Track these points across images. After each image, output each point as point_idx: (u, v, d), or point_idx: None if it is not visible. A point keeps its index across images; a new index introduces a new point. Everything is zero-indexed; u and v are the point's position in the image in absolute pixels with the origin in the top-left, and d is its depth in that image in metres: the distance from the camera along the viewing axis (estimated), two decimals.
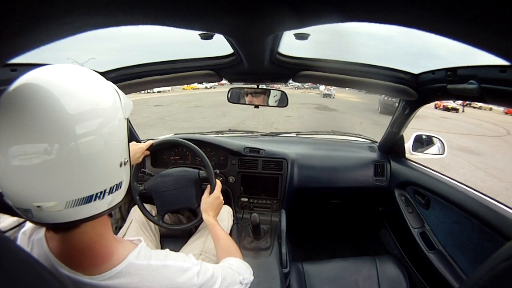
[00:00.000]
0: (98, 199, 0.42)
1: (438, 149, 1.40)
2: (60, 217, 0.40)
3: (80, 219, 0.42)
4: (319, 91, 28.92)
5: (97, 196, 0.42)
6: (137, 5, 0.30)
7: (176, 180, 1.08)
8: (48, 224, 0.41)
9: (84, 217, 0.42)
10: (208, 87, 33.88)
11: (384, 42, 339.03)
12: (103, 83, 0.45)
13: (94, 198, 0.42)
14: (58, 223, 0.40)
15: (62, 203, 0.39)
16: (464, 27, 0.29)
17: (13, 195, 0.38)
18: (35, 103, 0.36)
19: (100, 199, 0.43)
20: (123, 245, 0.50)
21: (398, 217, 1.33)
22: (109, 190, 0.44)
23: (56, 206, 0.39)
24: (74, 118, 0.38)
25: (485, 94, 0.70)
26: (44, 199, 0.38)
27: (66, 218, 0.40)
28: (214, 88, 33.79)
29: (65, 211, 0.39)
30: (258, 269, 0.86)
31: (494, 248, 0.83)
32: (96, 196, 0.42)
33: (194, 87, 30.50)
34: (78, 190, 0.40)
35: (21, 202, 0.38)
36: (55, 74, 0.40)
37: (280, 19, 0.41)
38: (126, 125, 0.47)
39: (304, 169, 1.43)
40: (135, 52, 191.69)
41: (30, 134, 0.36)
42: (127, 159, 0.48)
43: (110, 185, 0.44)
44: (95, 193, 0.42)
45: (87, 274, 0.44)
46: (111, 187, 0.44)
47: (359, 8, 0.32)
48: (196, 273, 0.54)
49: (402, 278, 1.11)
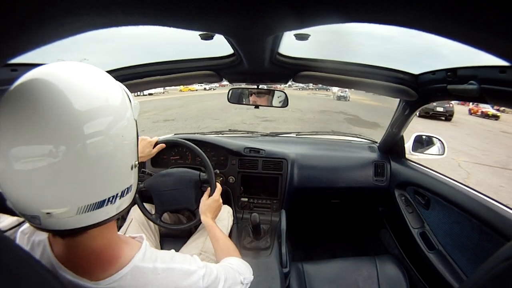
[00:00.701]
0: (110, 204, 0.41)
1: (438, 149, 1.40)
2: (70, 224, 0.38)
3: (91, 225, 0.40)
4: (331, 93, 25.56)
5: (109, 201, 0.40)
6: (137, 5, 0.30)
7: (176, 180, 1.08)
8: (56, 230, 0.39)
9: (95, 223, 0.40)
10: (207, 88, 32.34)
11: (385, 42, 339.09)
12: (111, 81, 0.43)
13: (106, 202, 0.40)
14: (67, 229, 0.39)
15: (73, 209, 0.37)
16: (464, 27, 0.29)
17: (18, 201, 0.36)
18: (39, 100, 0.34)
19: (112, 204, 0.41)
20: (130, 245, 0.48)
21: (398, 217, 1.33)
22: (120, 194, 0.42)
23: (67, 212, 0.37)
24: (83, 115, 0.36)
25: (485, 94, 0.70)
26: (55, 205, 0.36)
27: (76, 224, 0.39)
28: (213, 90, 32.21)
29: (76, 217, 0.38)
30: (258, 269, 0.86)
31: (494, 248, 0.83)
32: (108, 201, 0.40)
33: (192, 89, 28.91)
34: (91, 194, 0.38)
35: (28, 209, 0.36)
36: (61, 70, 0.38)
37: (280, 19, 0.41)
38: (135, 126, 0.46)
39: (304, 169, 1.43)
40: (135, 52, 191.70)
41: (34, 133, 0.33)
42: (137, 162, 0.46)
43: (122, 189, 0.43)
44: (107, 198, 0.40)
45: (93, 279, 0.43)
46: (123, 190, 0.43)
47: (359, 9, 0.32)
48: (201, 276, 0.53)
49: (402, 278, 1.11)
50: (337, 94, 21.75)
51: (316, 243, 1.81)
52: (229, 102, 1.31)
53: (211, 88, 33.00)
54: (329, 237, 1.87)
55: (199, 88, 31.23)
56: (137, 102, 0.48)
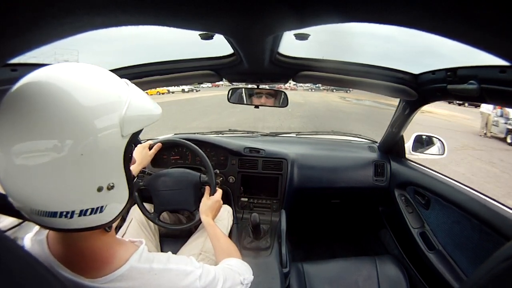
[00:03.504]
0: (98, 212, 0.41)
1: (438, 149, 1.40)
2: (69, 225, 0.39)
3: (88, 227, 0.41)
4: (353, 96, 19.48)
5: (104, 207, 0.41)
6: (137, 5, 0.30)
7: (176, 181, 1.08)
8: (53, 228, 0.41)
9: (93, 226, 0.42)
10: (186, 90, 24.49)
11: (384, 41, 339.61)
12: (115, 78, 0.44)
13: (104, 208, 0.41)
14: (62, 229, 0.40)
15: (75, 212, 0.38)
16: (464, 27, 0.29)
17: (17, 197, 0.38)
18: (39, 99, 0.35)
19: (101, 212, 0.42)
20: (125, 247, 0.49)
21: (398, 217, 1.33)
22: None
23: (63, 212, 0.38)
24: (88, 111, 0.37)
25: (485, 94, 0.70)
26: (51, 204, 0.37)
27: (74, 225, 0.40)
28: (196, 91, 25.15)
29: (74, 219, 0.39)
30: (258, 269, 0.86)
31: (494, 248, 0.83)
32: (105, 206, 0.41)
33: (161, 91, 21.31)
34: (89, 199, 0.39)
35: (26, 206, 0.38)
36: (60, 70, 0.39)
37: (280, 19, 0.41)
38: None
39: (304, 169, 1.43)
40: (135, 52, 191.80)
41: (33, 131, 0.34)
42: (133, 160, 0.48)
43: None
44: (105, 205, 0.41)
45: (88, 277, 0.44)
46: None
47: (359, 8, 0.32)
48: (198, 276, 0.53)
49: (402, 278, 1.11)
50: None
51: (316, 243, 1.81)
52: (229, 102, 1.31)
53: (193, 90, 25.53)
54: (329, 237, 1.87)
55: (177, 89, 23.03)
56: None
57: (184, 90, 24.29)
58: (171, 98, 18.61)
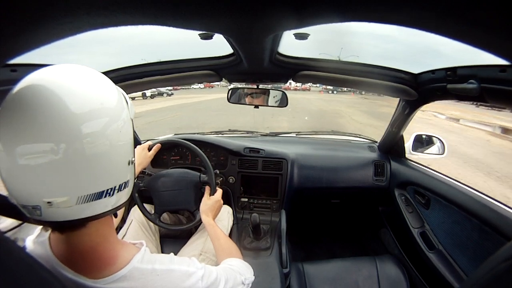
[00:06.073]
0: (108, 196, 0.43)
1: (438, 149, 1.40)
2: (71, 214, 0.40)
3: (89, 217, 0.42)
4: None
5: (108, 193, 0.43)
6: (137, 5, 0.30)
7: (176, 181, 1.08)
8: (55, 222, 0.41)
9: (93, 215, 0.42)
10: (148, 96, 17.34)
11: (384, 41, 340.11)
12: (107, 83, 0.45)
13: (105, 194, 0.42)
14: (66, 221, 0.40)
15: (73, 199, 0.39)
16: (464, 26, 0.29)
17: (20, 193, 0.38)
18: (39, 104, 0.37)
19: (110, 196, 0.43)
20: (127, 248, 0.49)
21: (398, 217, 1.33)
22: (118, 187, 0.44)
23: (68, 201, 0.39)
24: (79, 117, 0.38)
25: (485, 94, 0.70)
26: (56, 194, 0.38)
27: (76, 215, 0.41)
28: (169, 96, 19.37)
29: (75, 207, 0.40)
30: (258, 269, 0.86)
31: (494, 247, 0.83)
32: (107, 193, 0.42)
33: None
34: (90, 185, 0.40)
35: (29, 199, 0.38)
36: (58, 75, 0.40)
37: (280, 19, 0.41)
38: (131, 125, 0.48)
39: (304, 169, 1.43)
40: (135, 52, 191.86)
41: (34, 134, 0.36)
42: (134, 158, 0.49)
43: (120, 182, 0.45)
44: (106, 189, 0.42)
45: (90, 277, 0.44)
46: (120, 184, 0.45)
47: (359, 8, 0.32)
48: (200, 277, 0.54)
49: (402, 278, 1.11)
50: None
51: (316, 243, 1.81)
52: (229, 102, 1.31)
53: (155, 95, 18.75)
54: (329, 237, 1.87)
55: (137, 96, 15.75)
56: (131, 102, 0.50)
57: (145, 94, 17.32)
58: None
